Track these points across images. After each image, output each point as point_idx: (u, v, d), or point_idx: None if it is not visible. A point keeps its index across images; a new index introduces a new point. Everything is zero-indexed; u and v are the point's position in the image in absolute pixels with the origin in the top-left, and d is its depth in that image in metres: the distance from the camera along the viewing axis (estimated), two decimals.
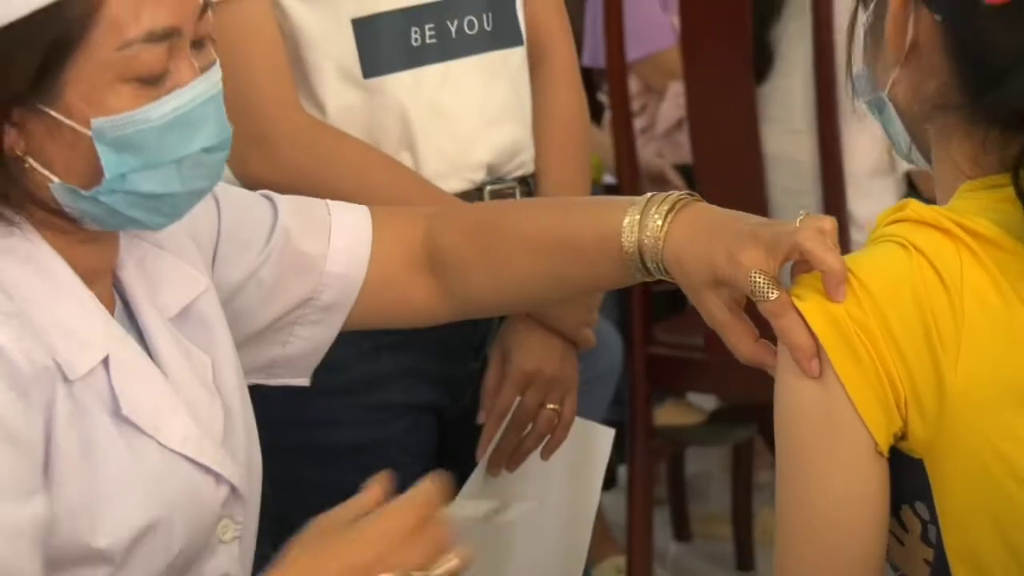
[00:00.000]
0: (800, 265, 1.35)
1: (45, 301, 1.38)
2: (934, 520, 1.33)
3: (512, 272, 1.64)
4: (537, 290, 1.72)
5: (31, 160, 1.32)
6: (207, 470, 1.41)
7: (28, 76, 1.29)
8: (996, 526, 1.33)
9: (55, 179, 1.33)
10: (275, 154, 1.93)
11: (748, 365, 1.45)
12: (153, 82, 1.32)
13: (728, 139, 3.20)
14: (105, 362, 1.36)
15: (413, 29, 1.96)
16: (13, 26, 1.26)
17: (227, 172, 1.78)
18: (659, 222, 1.47)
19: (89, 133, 1.31)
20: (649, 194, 1.51)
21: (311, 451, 1.84)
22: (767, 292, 1.34)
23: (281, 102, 1.94)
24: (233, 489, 1.44)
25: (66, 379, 1.33)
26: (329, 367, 1.69)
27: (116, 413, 1.35)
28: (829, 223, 1.37)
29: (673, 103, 3.68)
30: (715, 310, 1.42)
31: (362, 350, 1.85)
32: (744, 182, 3.12)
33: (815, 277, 1.32)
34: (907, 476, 1.34)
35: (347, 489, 1.79)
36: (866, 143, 3.20)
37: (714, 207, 1.50)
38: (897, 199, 1.46)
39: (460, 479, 1.77)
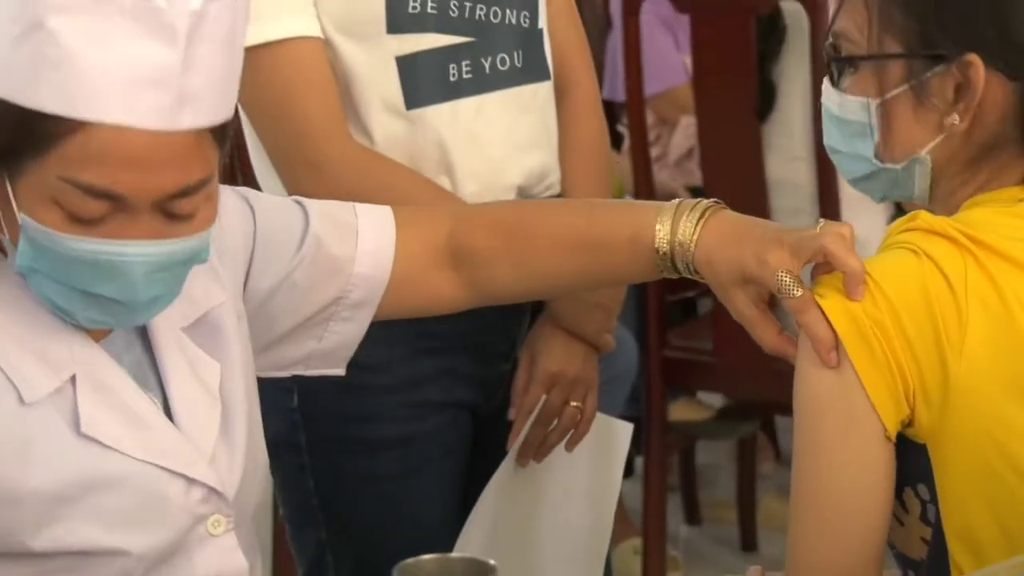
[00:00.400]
0: (820, 267, 1.41)
1: (14, 331, 1.40)
2: (934, 500, 1.40)
3: (538, 267, 1.67)
4: (561, 283, 1.77)
5: None
6: (175, 474, 1.43)
7: (8, 152, 1.32)
8: (992, 508, 1.40)
9: (5, 234, 1.36)
10: (326, 178, 1.96)
11: (771, 355, 1.49)
12: (81, 222, 1.32)
13: (735, 166, 3.28)
14: (73, 381, 1.38)
15: (451, 66, 2.01)
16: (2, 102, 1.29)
17: (280, 190, 1.95)
18: (691, 227, 1.51)
19: (18, 218, 1.34)
20: (677, 200, 1.56)
21: (356, 444, 1.85)
22: (792, 290, 1.39)
23: (332, 131, 1.98)
24: (212, 489, 1.45)
25: (22, 402, 1.35)
26: (373, 367, 1.75)
27: (76, 429, 1.38)
28: (848, 229, 1.45)
29: (684, 134, 3.78)
30: (743, 306, 1.48)
31: (404, 352, 1.89)
32: (749, 205, 2.93)
33: (835, 278, 1.37)
34: (911, 460, 1.40)
35: (387, 479, 1.90)
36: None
37: (739, 214, 1.54)
38: (886, 219, 1.52)
39: (491, 471, 1.87)
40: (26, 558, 1.37)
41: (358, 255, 1.63)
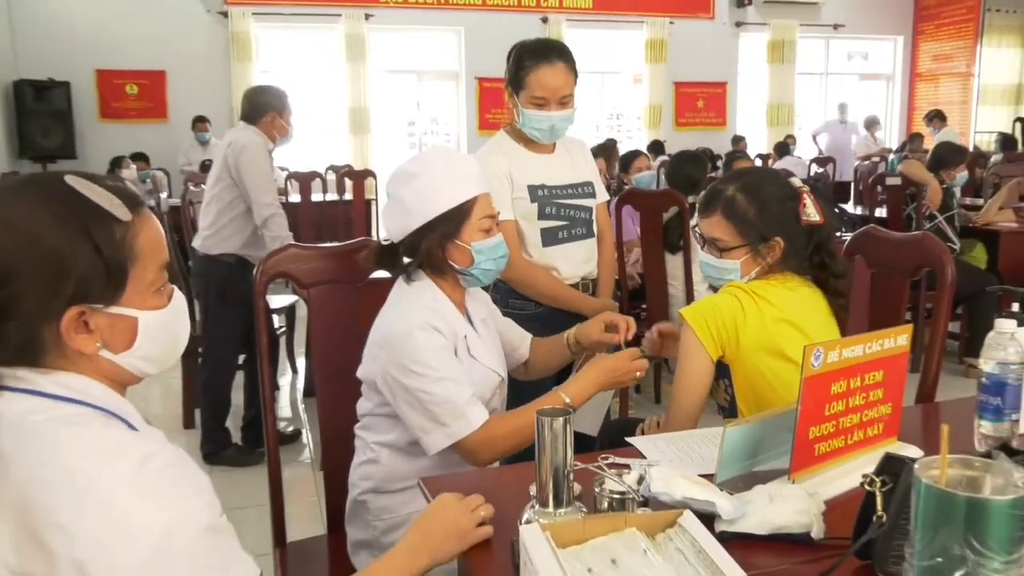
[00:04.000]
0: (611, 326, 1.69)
1: (445, 314, 1.54)
2: (731, 385, 1.63)
3: (545, 364, 1.84)
4: (553, 366, 1.86)
5: (446, 257, 1.53)
6: (496, 372, 1.62)
7: (452, 230, 1.52)
8: (755, 393, 1.62)
9: (457, 265, 1.55)
10: (514, 273, 2.17)
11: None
12: (488, 232, 1.54)
13: (654, 266, 3.67)
14: (465, 337, 1.57)
15: (559, 232, 2.28)
16: (452, 210, 1.49)
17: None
18: (574, 335, 1.79)
19: (470, 248, 1.53)
20: (567, 331, 1.80)
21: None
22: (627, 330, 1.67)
23: (516, 254, 2.16)
24: (502, 377, 1.64)
25: (456, 341, 1.54)
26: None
27: (469, 354, 1.56)
28: (622, 318, 1.71)
29: (635, 255, 4.00)
30: (595, 335, 1.75)
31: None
32: (659, 282, 3.68)
33: (690, 307, 1.60)
34: (723, 369, 1.63)
35: None
36: (699, 274, 2.95)
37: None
38: (707, 288, 1.76)
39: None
40: None
41: (519, 351, 1.83)
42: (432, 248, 1.51)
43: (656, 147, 8.55)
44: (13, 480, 0.82)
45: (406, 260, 1.57)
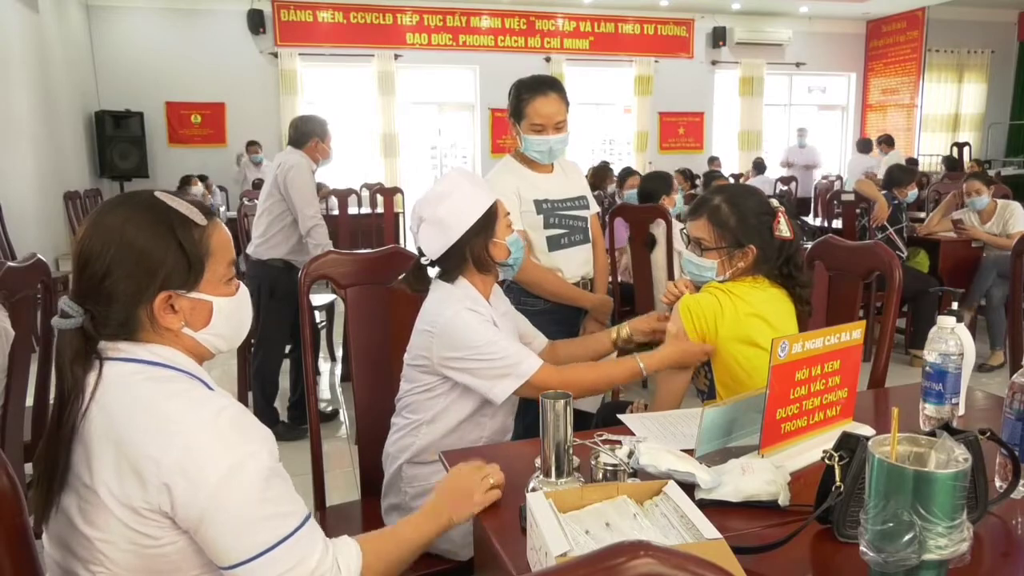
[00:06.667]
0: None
1: (480, 302, 1.51)
2: (711, 371, 1.60)
3: (575, 358, 1.74)
4: (581, 359, 1.75)
5: (490, 255, 1.51)
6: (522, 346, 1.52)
7: (490, 232, 1.50)
8: (732, 378, 1.53)
9: (499, 259, 1.53)
10: (526, 275, 2.15)
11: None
12: (509, 227, 1.54)
13: (641, 268, 3.65)
14: (494, 319, 1.51)
15: (562, 238, 2.27)
16: (485, 215, 1.48)
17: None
18: (626, 329, 1.76)
19: (505, 243, 1.53)
20: (615, 330, 1.76)
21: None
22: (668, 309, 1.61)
23: (527, 261, 2.13)
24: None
25: (495, 322, 1.51)
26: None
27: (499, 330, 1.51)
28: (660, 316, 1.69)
29: (626, 258, 3.92)
30: (649, 320, 1.73)
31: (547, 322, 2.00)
32: (645, 280, 3.65)
33: (688, 298, 1.57)
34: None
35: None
36: (678, 270, 2.97)
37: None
38: (694, 287, 1.74)
39: None
40: None
41: (531, 345, 1.76)
42: (477, 250, 1.51)
43: (630, 171, 8.59)
44: (115, 424, 0.89)
45: (439, 269, 1.55)
